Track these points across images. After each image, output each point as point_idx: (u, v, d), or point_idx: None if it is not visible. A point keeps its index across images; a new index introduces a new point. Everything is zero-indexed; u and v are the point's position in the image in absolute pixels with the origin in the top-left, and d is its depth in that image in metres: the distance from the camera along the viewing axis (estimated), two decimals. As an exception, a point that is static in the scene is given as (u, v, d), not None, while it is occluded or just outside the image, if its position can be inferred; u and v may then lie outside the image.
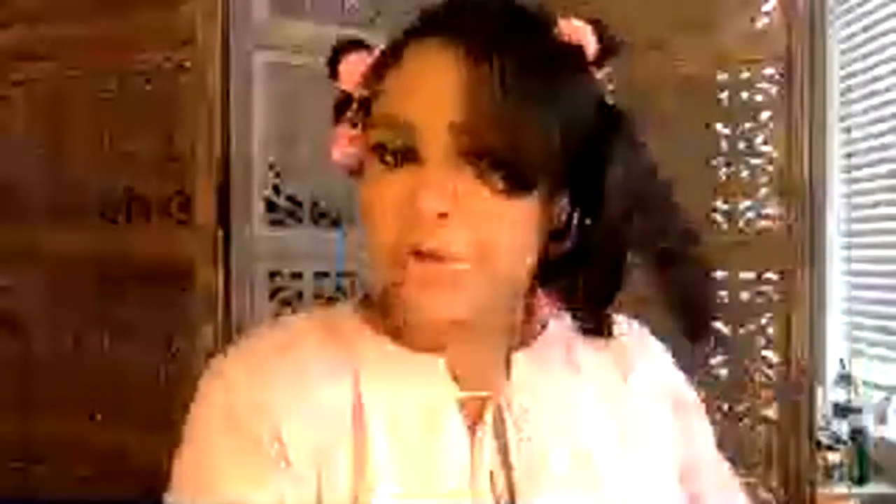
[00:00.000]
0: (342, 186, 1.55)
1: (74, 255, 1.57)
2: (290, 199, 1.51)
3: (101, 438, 1.54)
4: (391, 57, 0.65)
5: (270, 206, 1.49)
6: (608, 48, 0.68)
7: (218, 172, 1.43)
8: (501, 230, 0.61)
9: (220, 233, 1.42)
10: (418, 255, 0.60)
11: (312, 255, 1.53)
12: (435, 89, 0.60)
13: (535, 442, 0.68)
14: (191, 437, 0.68)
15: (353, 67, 0.68)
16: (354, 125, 0.67)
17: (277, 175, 1.50)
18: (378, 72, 0.66)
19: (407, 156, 0.61)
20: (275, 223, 1.50)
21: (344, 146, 0.68)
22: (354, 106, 0.67)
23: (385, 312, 0.71)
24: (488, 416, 0.68)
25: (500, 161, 0.59)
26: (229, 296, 1.42)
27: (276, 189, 1.50)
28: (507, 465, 0.68)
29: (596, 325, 0.70)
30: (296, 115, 1.51)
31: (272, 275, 1.48)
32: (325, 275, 1.54)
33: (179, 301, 1.49)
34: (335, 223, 1.55)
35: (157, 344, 1.52)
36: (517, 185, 0.60)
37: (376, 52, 0.68)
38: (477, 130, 0.59)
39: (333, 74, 0.70)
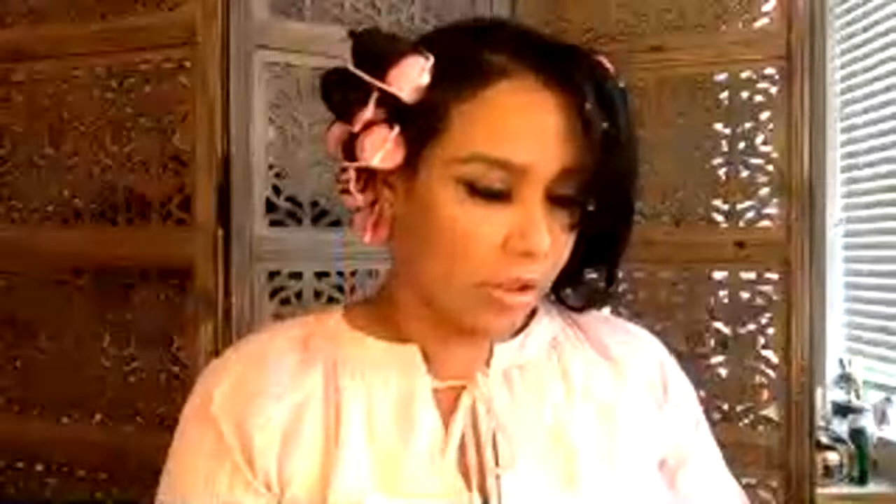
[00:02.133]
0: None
1: (74, 254, 1.57)
2: (290, 199, 1.51)
3: (101, 438, 1.54)
4: (475, 78, 0.64)
5: (270, 206, 1.49)
6: None
7: (218, 172, 1.43)
8: (563, 259, 0.68)
9: (220, 233, 1.42)
10: (518, 287, 0.65)
11: (312, 255, 1.53)
12: (546, 134, 0.63)
13: (509, 431, 0.69)
14: (176, 438, 0.73)
15: (411, 73, 0.64)
16: (391, 126, 0.65)
17: (277, 175, 1.50)
18: (461, 89, 0.64)
19: (502, 194, 0.64)
20: (275, 223, 1.49)
21: (391, 149, 0.65)
22: (390, 107, 0.65)
23: (371, 311, 0.74)
24: (462, 405, 0.69)
25: (581, 202, 0.65)
26: (229, 296, 1.42)
27: (276, 189, 1.50)
28: (479, 452, 0.68)
29: (589, 299, 0.76)
30: (296, 115, 1.51)
31: (272, 275, 1.48)
32: (325, 275, 1.54)
33: (179, 301, 1.49)
34: (335, 223, 1.55)
35: (157, 344, 1.52)
36: (582, 221, 0.66)
37: (431, 62, 0.65)
38: (583, 176, 0.63)
39: (379, 74, 0.65)
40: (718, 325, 1.62)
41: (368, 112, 0.65)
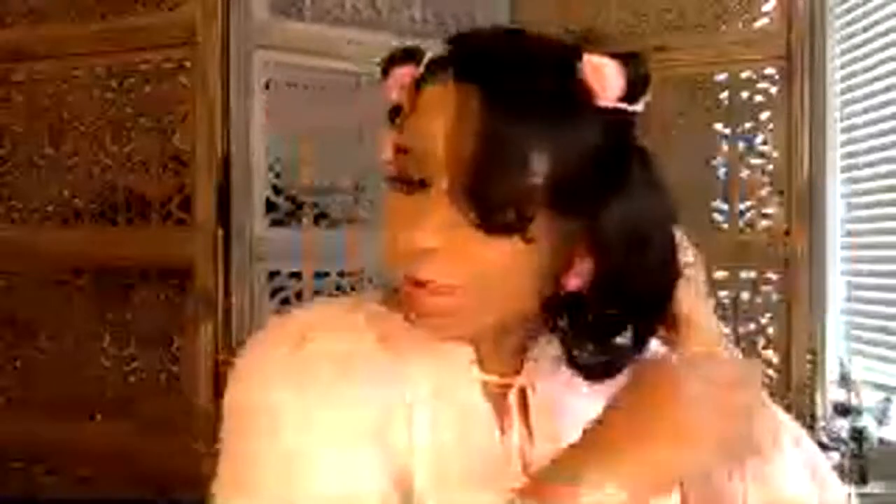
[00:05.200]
0: (342, 187, 1.56)
1: (74, 254, 1.57)
2: (290, 199, 1.51)
3: (101, 438, 1.54)
4: (424, 76, 0.65)
5: (270, 206, 1.49)
6: (636, 85, 0.65)
7: (218, 172, 1.43)
8: (486, 267, 0.61)
9: (220, 233, 1.43)
10: (414, 283, 0.62)
11: (312, 255, 1.53)
12: (432, 125, 0.62)
13: (554, 425, 0.68)
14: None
15: (397, 81, 0.67)
16: (401, 132, 0.66)
17: (277, 175, 1.50)
18: (411, 97, 0.66)
19: (417, 184, 0.62)
20: (275, 223, 1.50)
21: (387, 152, 0.66)
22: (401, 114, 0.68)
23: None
24: (512, 400, 0.68)
25: (475, 201, 0.59)
26: (229, 296, 1.42)
27: (276, 189, 1.50)
28: (532, 446, 0.67)
29: (594, 368, 0.66)
30: (296, 115, 1.51)
31: (272, 275, 1.48)
32: (326, 275, 1.54)
33: (179, 301, 1.49)
34: (335, 223, 1.55)
35: (157, 344, 1.52)
36: (491, 227, 0.60)
37: (419, 69, 0.66)
38: (458, 169, 0.60)
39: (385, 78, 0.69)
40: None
41: (391, 121, 0.68)
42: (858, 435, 2.36)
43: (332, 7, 1.56)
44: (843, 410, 2.48)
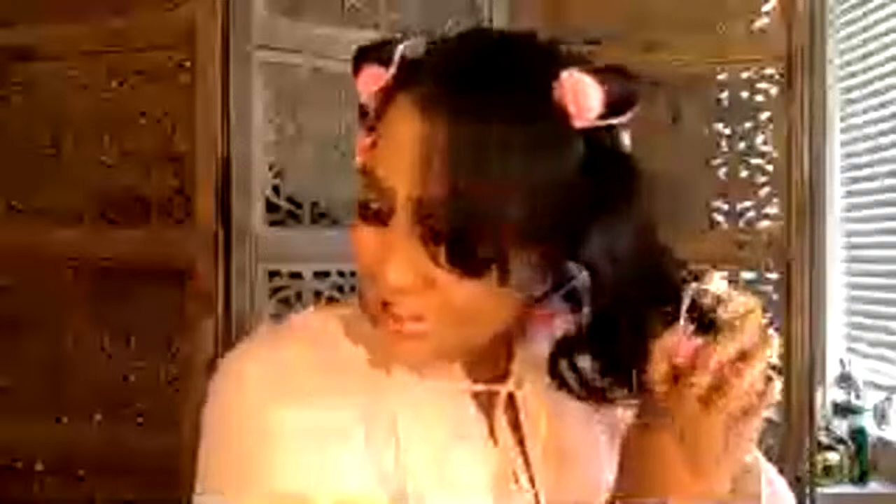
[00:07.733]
0: (342, 186, 1.55)
1: (74, 254, 1.57)
2: (290, 199, 1.51)
3: (101, 438, 1.54)
4: (396, 86, 0.61)
5: (270, 206, 1.49)
6: (617, 102, 0.59)
7: (218, 172, 1.43)
8: (458, 305, 0.59)
9: (220, 233, 1.43)
10: (385, 308, 0.61)
11: (312, 255, 1.53)
12: (399, 156, 0.58)
13: (547, 425, 0.68)
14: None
15: (368, 82, 0.63)
16: (370, 131, 0.63)
17: (277, 175, 1.50)
18: (381, 104, 0.62)
19: (380, 213, 0.59)
20: (275, 223, 1.50)
21: (360, 153, 0.64)
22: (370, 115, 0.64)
23: None
24: (500, 406, 0.68)
25: (445, 246, 0.57)
26: (229, 295, 1.42)
27: (276, 189, 1.50)
28: (524, 453, 0.67)
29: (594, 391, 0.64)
30: (296, 115, 1.51)
31: (272, 275, 1.48)
32: (325, 275, 1.54)
33: (179, 301, 1.49)
34: (335, 223, 1.55)
35: (157, 344, 1.52)
36: (462, 271, 0.57)
37: (388, 74, 0.62)
38: (427, 207, 0.57)
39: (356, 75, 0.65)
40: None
41: (362, 121, 0.65)
42: (858, 435, 2.36)
43: (332, 7, 1.56)
44: (843, 410, 2.49)
